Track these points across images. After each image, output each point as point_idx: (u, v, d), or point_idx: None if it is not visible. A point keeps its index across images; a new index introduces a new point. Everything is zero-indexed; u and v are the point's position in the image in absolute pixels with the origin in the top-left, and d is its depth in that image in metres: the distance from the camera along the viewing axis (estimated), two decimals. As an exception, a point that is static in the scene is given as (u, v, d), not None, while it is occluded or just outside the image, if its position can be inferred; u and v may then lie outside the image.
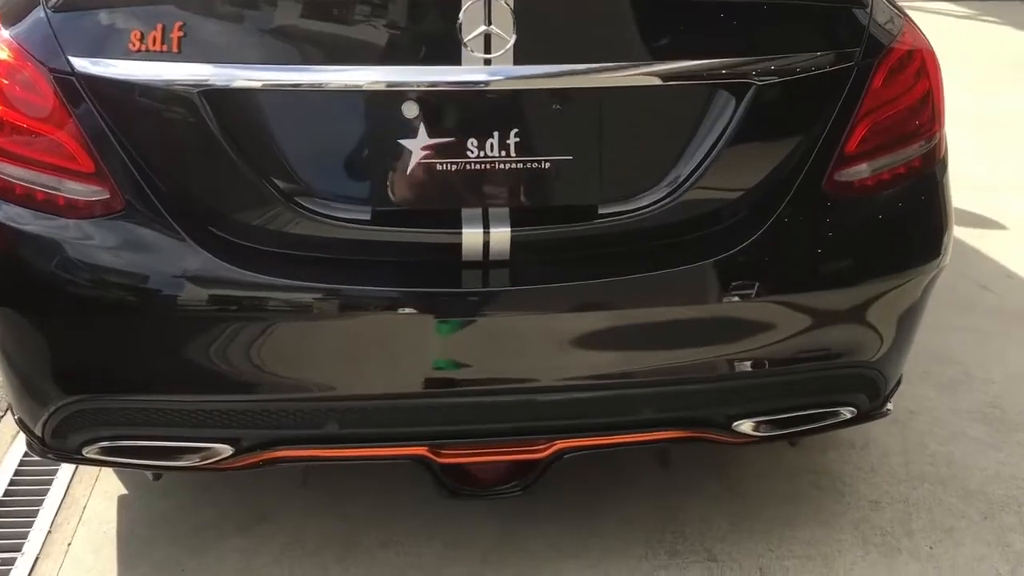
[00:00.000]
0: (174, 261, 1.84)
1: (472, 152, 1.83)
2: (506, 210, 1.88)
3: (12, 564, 2.32)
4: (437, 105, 1.82)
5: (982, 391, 3.00)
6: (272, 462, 2.00)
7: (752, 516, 2.47)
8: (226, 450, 1.98)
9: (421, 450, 1.98)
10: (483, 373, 1.92)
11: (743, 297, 1.91)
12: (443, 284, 1.88)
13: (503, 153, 1.84)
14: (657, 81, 1.83)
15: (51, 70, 1.82)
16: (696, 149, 1.87)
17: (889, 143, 1.99)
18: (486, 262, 1.89)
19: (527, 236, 1.87)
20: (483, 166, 1.84)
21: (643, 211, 1.88)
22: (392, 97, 1.81)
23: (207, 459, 2.00)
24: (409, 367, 1.90)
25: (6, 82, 1.84)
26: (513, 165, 1.85)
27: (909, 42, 2.00)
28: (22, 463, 2.67)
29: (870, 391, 2.14)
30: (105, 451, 2.03)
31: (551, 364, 1.93)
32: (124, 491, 2.55)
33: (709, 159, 1.86)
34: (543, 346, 1.92)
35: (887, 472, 2.65)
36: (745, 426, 2.06)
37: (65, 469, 2.62)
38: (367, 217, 1.87)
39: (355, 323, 1.89)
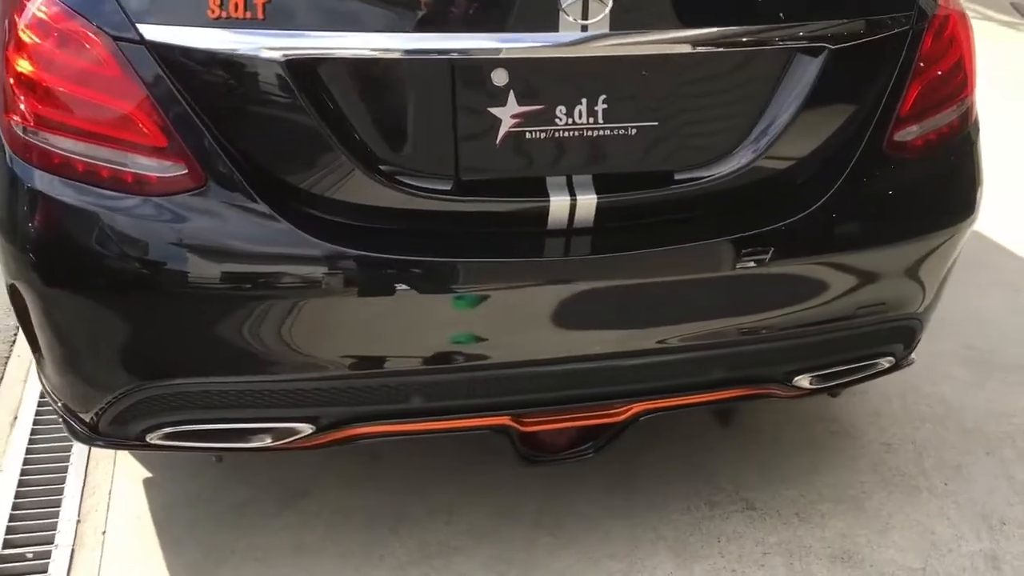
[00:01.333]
0: (258, 237, 1.77)
1: (560, 120, 1.82)
2: (590, 177, 1.88)
3: (48, 557, 2.22)
4: (529, 72, 1.80)
5: (955, 335, 3.17)
6: (351, 439, 1.97)
7: (777, 466, 2.57)
8: (306, 429, 1.93)
9: (504, 419, 1.98)
10: (566, 340, 1.92)
11: (814, 256, 1.97)
12: (528, 254, 1.88)
13: (591, 120, 1.83)
14: (744, 46, 1.86)
15: (116, 39, 1.71)
16: (775, 113, 1.91)
17: (934, 104, 2.07)
18: (570, 230, 1.89)
19: (611, 203, 1.88)
20: (571, 133, 1.83)
21: (722, 176, 1.91)
22: (483, 65, 1.77)
23: (282, 439, 1.95)
24: (494, 337, 1.89)
25: (65, 53, 1.72)
26: (600, 132, 1.84)
27: (948, 6, 2.08)
28: (29, 450, 2.54)
29: (908, 340, 2.26)
30: (170, 436, 1.95)
31: (631, 330, 1.96)
32: (148, 473, 2.46)
33: (787, 122, 1.91)
34: (624, 313, 1.94)
35: (890, 415, 2.79)
36: (803, 381, 2.14)
37: (79, 453, 2.51)
38: (453, 188, 1.84)
39: (440, 296, 1.86)
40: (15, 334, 3.00)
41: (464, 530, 2.33)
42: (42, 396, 2.68)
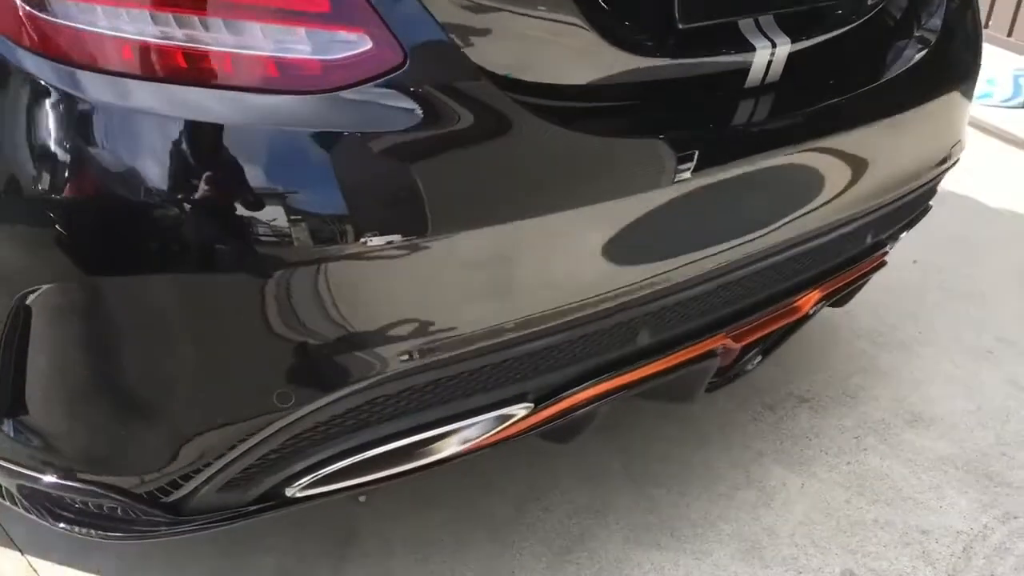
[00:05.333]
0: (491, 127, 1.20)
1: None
2: (773, 18, 1.54)
3: None
4: None
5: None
6: (562, 416, 1.44)
7: (826, 382, 2.42)
8: (519, 411, 1.38)
9: (721, 339, 1.58)
10: (781, 223, 1.57)
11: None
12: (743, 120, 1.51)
13: None
14: None
15: None
16: None
17: None
18: (762, 87, 1.54)
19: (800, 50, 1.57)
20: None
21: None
22: None
23: (484, 433, 1.38)
24: (719, 232, 1.49)
25: None
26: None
27: None
28: None
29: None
30: (327, 479, 1.29)
31: (833, 199, 1.64)
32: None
33: None
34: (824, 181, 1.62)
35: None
36: (886, 248, 1.99)
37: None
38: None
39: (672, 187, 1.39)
40: None
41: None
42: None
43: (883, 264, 1.97)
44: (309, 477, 1.27)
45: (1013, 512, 1.99)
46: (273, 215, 1.09)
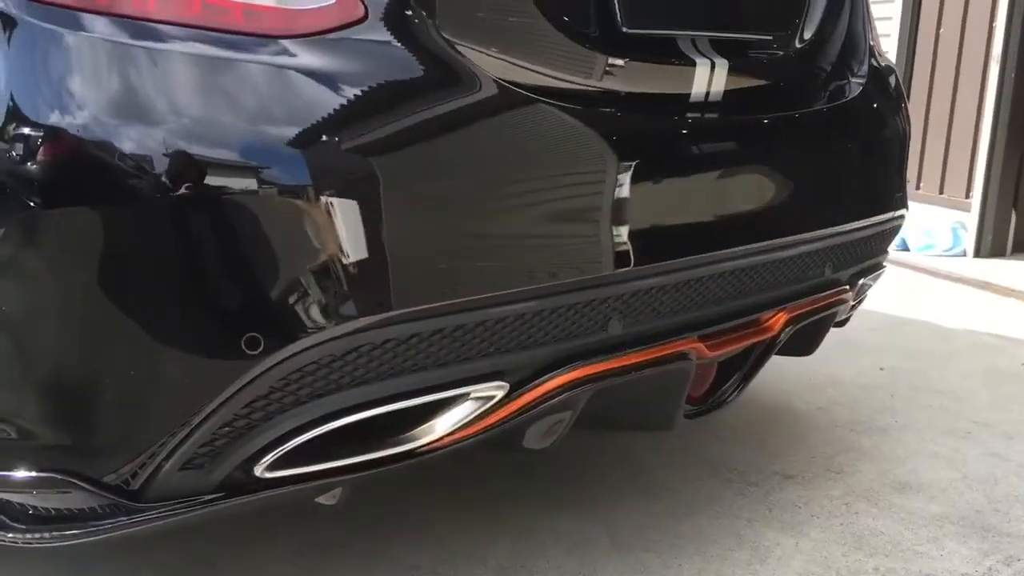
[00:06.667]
0: (454, 89, 1.25)
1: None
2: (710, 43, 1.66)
3: None
4: None
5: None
6: (543, 401, 1.41)
7: (809, 461, 2.39)
8: (497, 392, 1.35)
9: (693, 342, 1.57)
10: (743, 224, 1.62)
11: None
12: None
13: None
14: None
15: None
16: None
17: None
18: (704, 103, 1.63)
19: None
20: None
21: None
22: None
23: (462, 418, 1.33)
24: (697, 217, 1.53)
25: None
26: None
27: None
28: None
29: None
30: (284, 462, 1.24)
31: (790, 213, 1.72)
32: None
33: None
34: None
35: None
36: (845, 287, 2.04)
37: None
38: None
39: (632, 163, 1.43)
40: None
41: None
42: None
43: (842, 303, 1.98)
44: (275, 452, 1.21)
45: (1016, 555, 1.91)
46: (232, 150, 1.11)
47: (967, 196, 4.64)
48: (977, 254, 4.51)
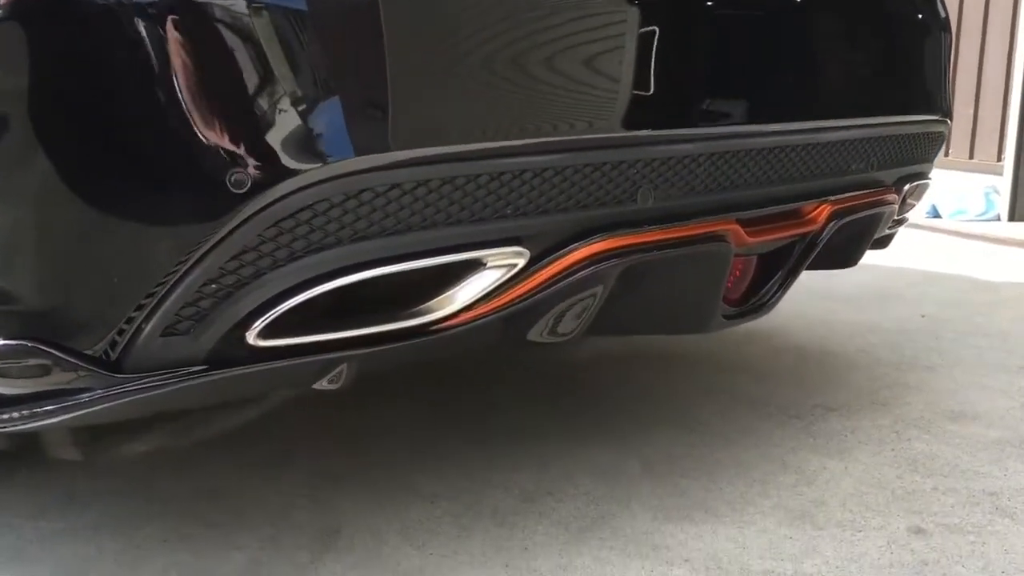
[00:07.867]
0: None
1: None
2: None
3: None
4: None
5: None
6: (566, 276, 1.27)
7: (853, 395, 2.24)
8: (516, 259, 1.21)
9: (729, 224, 1.43)
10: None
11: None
12: None
13: None
14: None
15: None
16: None
17: None
18: None
19: None
20: None
21: None
22: None
23: (480, 290, 1.20)
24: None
25: None
26: None
27: None
28: None
29: None
30: (280, 330, 1.10)
31: None
32: None
33: None
34: None
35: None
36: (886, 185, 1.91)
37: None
38: None
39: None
40: None
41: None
42: None
43: (886, 205, 1.82)
44: (268, 315, 1.07)
45: (1088, 473, 1.76)
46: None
47: (999, 159, 4.49)
48: (1012, 218, 4.35)
